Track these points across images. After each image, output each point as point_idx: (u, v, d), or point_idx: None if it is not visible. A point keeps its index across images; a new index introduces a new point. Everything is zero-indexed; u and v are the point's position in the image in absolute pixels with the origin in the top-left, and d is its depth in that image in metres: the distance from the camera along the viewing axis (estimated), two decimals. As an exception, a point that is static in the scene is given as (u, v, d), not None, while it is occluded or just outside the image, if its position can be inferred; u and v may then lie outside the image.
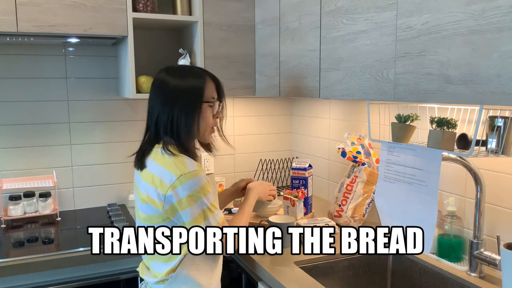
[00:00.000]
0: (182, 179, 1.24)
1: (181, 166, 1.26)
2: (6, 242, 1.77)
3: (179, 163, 1.27)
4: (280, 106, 2.65)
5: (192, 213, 1.26)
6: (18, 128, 2.12)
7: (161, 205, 1.27)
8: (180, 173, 1.25)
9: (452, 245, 1.52)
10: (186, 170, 1.26)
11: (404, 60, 1.25)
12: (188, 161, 1.29)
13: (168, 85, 1.33)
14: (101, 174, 2.27)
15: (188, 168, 1.26)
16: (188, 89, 1.33)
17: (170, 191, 1.25)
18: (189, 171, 1.25)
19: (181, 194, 1.25)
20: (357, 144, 1.86)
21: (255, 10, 2.13)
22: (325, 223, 1.73)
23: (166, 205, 1.27)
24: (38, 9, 1.75)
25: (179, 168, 1.26)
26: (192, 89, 1.33)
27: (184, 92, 1.32)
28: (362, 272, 1.66)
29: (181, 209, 1.26)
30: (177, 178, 1.25)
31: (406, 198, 1.40)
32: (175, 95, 1.32)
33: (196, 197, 1.25)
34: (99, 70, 2.23)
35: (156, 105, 1.34)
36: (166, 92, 1.33)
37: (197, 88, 1.34)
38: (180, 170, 1.25)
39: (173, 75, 1.35)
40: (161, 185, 1.26)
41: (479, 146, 1.30)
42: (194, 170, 1.26)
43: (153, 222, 1.31)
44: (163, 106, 1.32)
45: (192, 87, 1.33)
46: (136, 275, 1.74)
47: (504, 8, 0.96)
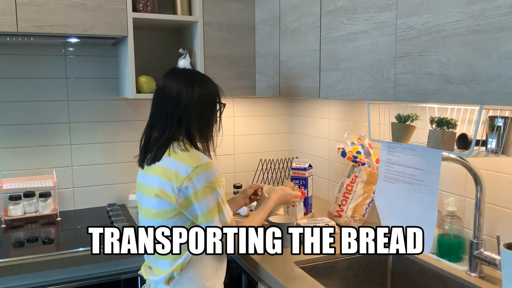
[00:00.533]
0: (197, 170, 1.28)
1: (196, 159, 1.30)
2: (6, 242, 1.77)
3: (193, 156, 1.31)
4: (280, 106, 2.65)
5: (207, 204, 1.28)
6: (18, 128, 2.12)
7: (175, 198, 1.28)
8: (196, 164, 1.28)
9: (452, 245, 1.52)
10: (201, 162, 1.29)
11: (404, 60, 1.25)
12: (201, 155, 1.33)
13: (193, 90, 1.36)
14: (101, 174, 2.27)
15: (202, 160, 1.30)
16: (214, 94, 1.40)
17: (186, 182, 1.27)
18: (203, 163, 1.29)
19: (197, 185, 1.27)
20: (357, 144, 1.86)
21: (255, 10, 2.13)
22: (325, 223, 1.73)
23: (180, 198, 1.28)
24: (38, 9, 1.75)
25: (194, 160, 1.29)
26: (211, 94, 1.40)
27: (210, 96, 1.39)
28: (362, 272, 1.66)
29: (197, 201, 1.28)
30: (192, 170, 1.27)
31: (406, 198, 1.40)
32: (199, 99, 1.36)
33: (212, 188, 1.29)
34: (99, 70, 2.23)
35: (178, 108, 1.35)
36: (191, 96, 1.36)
37: (217, 92, 1.42)
38: (195, 162, 1.29)
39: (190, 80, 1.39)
40: (176, 178, 1.28)
41: (479, 146, 1.30)
42: (209, 162, 1.31)
43: (164, 218, 1.31)
44: (187, 109, 1.35)
45: (214, 91, 1.41)
46: (136, 275, 1.74)
47: (504, 8, 0.96)
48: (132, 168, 2.33)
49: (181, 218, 1.30)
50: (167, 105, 1.36)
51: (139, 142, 1.44)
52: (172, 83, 1.38)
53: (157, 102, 1.40)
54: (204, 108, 1.38)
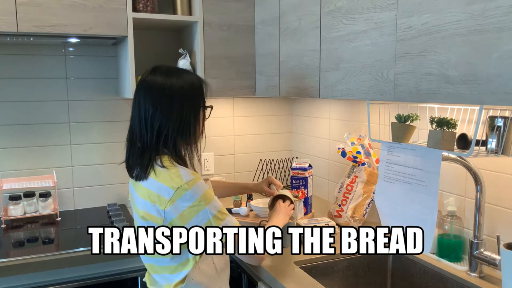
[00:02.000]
0: (179, 192, 1.20)
1: (177, 179, 1.21)
2: (6, 242, 1.77)
3: (174, 175, 1.22)
4: (280, 106, 2.65)
5: (197, 224, 1.22)
6: (18, 128, 2.12)
7: (161, 220, 1.24)
8: (177, 185, 1.21)
9: (452, 245, 1.52)
10: (182, 182, 1.21)
11: (404, 60, 1.25)
12: (182, 172, 1.23)
13: (171, 88, 1.26)
14: (101, 174, 2.27)
15: (184, 180, 1.21)
16: (193, 92, 1.28)
17: (169, 205, 1.21)
18: (185, 183, 1.21)
19: (180, 207, 1.21)
20: (357, 144, 1.86)
21: (255, 10, 2.13)
22: (325, 223, 1.73)
23: (167, 220, 1.23)
24: (38, 9, 1.75)
25: (175, 181, 1.21)
26: (196, 91, 1.29)
27: (189, 95, 1.27)
28: (362, 272, 1.66)
29: (184, 223, 1.22)
30: (174, 192, 1.20)
31: (406, 198, 1.40)
32: (180, 98, 1.26)
33: (199, 206, 1.21)
34: (99, 70, 2.23)
35: (158, 111, 1.25)
36: (169, 96, 1.25)
37: (200, 89, 1.31)
38: (177, 182, 1.21)
39: (166, 76, 1.27)
40: (159, 200, 1.22)
41: (479, 146, 1.30)
42: (190, 180, 1.22)
43: None
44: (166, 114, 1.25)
45: (195, 89, 1.29)
46: (137, 275, 1.74)
47: (504, 8, 0.96)
48: (132, 168, 2.33)
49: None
50: (145, 108, 1.25)
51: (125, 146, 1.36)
52: (152, 81, 1.27)
53: (135, 103, 1.28)
54: (187, 110, 1.26)
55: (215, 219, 1.23)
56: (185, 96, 1.27)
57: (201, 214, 1.21)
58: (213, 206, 1.24)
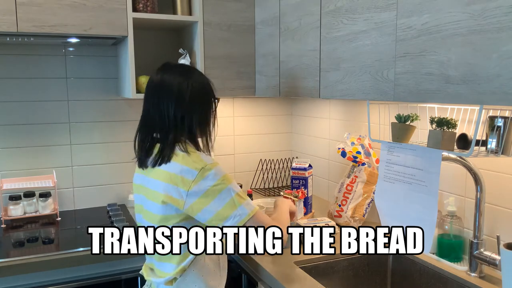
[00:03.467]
0: (203, 172, 1.25)
1: (199, 161, 1.28)
2: (6, 242, 1.77)
3: (197, 159, 1.28)
4: (280, 106, 2.65)
5: (219, 203, 1.25)
6: (18, 128, 2.12)
7: (182, 203, 1.26)
8: (201, 166, 1.26)
9: (452, 245, 1.52)
10: (205, 163, 1.27)
11: (404, 60, 1.25)
12: (204, 156, 1.31)
13: (190, 84, 1.33)
14: (101, 174, 2.27)
15: (206, 162, 1.28)
16: (208, 88, 1.38)
17: (194, 185, 1.24)
18: (208, 164, 1.27)
19: (204, 186, 1.25)
20: (357, 144, 1.86)
21: (255, 10, 2.13)
22: (325, 223, 1.73)
23: (188, 202, 1.25)
24: (38, 9, 1.75)
25: (198, 163, 1.27)
26: (209, 87, 1.38)
27: (205, 91, 1.37)
28: (362, 272, 1.65)
29: (207, 203, 1.25)
30: (198, 172, 1.25)
31: (406, 198, 1.40)
32: (199, 94, 1.35)
33: (222, 185, 1.26)
34: (99, 70, 2.23)
35: (180, 104, 1.32)
36: (190, 91, 1.33)
37: (211, 85, 1.40)
38: (200, 164, 1.27)
39: (179, 74, 1.35)
40: (182, 182, 1.25)
41: (479, 146, 1.30)
42: (213, 163, 1.29)
43: (170, 223, 1.29)
44: (188, 105, 1.32)
45: (208, 85, 1.39)
46: (136, 275, 1.74)
47: (504, 8, 0.96)
48: (132, 168, 2.33)
49: (187, 222, 1.29)
50: (168, 103, 1.32)
51: (133, 142, 1.43)
52: (169, 78, 1.34)
53: (154, 99, 1.34)
54: (204, 103, 1.37)
55: (237, 197, 1.27)
56: (202, 90, 1.37)
57: (225, 192, 1.26)
58: (234, 185, 1.29)
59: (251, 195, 2.19)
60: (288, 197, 1.90)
